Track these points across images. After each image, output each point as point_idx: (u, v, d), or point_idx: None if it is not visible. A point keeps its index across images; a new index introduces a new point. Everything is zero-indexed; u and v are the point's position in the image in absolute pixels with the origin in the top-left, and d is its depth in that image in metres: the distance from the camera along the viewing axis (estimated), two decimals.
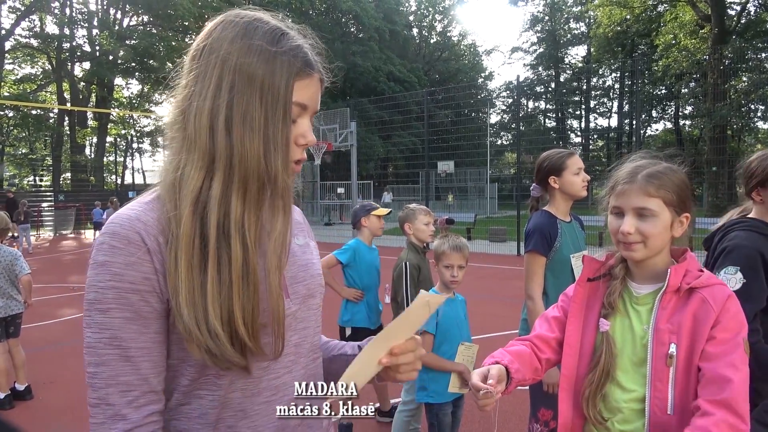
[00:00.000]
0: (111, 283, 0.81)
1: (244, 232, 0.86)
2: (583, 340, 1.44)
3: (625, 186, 1.37)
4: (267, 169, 0.87)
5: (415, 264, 3.34)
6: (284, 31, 0.91)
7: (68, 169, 35.70)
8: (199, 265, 0.83)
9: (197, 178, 0.86)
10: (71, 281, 11.04)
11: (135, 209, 0.87)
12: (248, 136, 0.86)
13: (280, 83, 0.87)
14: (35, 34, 31.57)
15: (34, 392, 4.75)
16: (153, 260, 0.83)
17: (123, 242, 0.82)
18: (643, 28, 36.46)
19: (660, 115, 44.98)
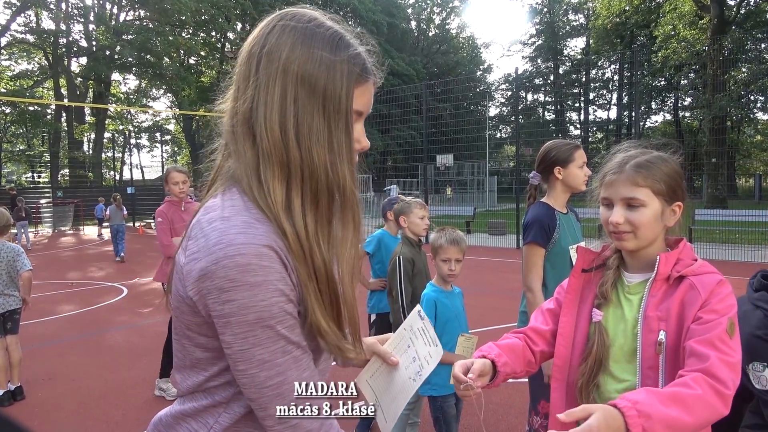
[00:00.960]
0: (274, 299, 0.84)
1: (320, 245, 0.89)
2: (576, 331, 1.44)
3: (614, 176, 1.37)
4: (335, 178, 0.90)
5: (408, 258, 3.31)
6: (342, 36, 0.93)
7: (66, 165, 35.63)
8: (313, 278, 0.89)
9: (281, 193, 0.89)
10: (70, 277, 11.03)
11: (256, 227, 0.86)
12: (315, 147, 0.88)
13: (341, 92, 0.89)
14: (31, 29, 31.42)
15: (32, 388, 4.74)
16: (290, 274, 0.87)
17: (272, 260, 0.84)
18: (641, 19, 36.33)
19: (659, 106, 44.94)
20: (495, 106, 52.37)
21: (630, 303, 1.38)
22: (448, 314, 2.77)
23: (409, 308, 3.23)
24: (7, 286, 4.45)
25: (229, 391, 0.91)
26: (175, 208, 4.56)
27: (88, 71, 31.15)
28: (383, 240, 4.03)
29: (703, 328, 1.21)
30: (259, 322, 0.83)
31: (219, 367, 0.91)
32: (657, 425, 1.06)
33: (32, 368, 5.29)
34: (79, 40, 32.30)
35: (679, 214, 1.40)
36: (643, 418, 1.05)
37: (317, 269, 0.88)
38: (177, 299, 0.91)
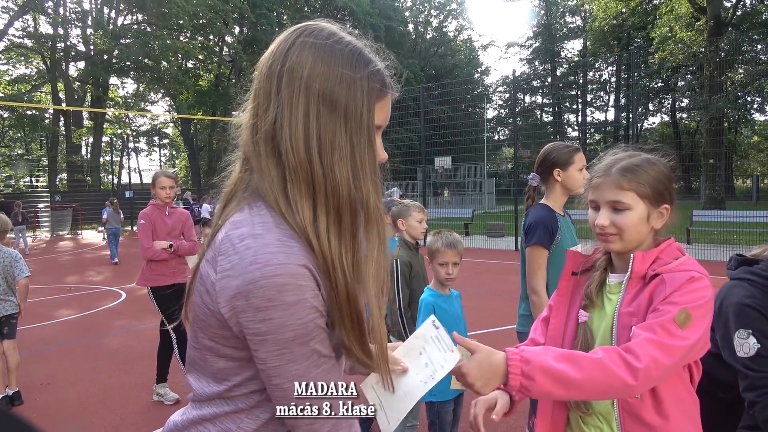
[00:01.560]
0: (309, 317, 0.86)
1: (343, 261, 0.89)
2: (565, 333, 1.47)
3: (600, 179, 1.41)
4: (358, 193, 0.91)
5: (406, 261, 3.30)
6: (361, 52, 0.94)
7: (64, 169, 35.59)
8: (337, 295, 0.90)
9: (309, 212, 0.90)
10: (68, 282, 11.01)
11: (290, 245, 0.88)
12: (338, 164, 0.89)
13: (362, 109, 0.91)
14: (29, 34, 31.40)
15: (31, 393, 4.73)
16: (321, 293, 0.89)
17: (307, 279, 0.86)
18: (638, 21, 36.42)
19: (657, 108, 45.04)
20: (493, 108, 52.43)
21: (611, 302, 1.41)
22: (446, 318, 2.77)
23: (406, 312, 3.22)
24: (5, 291, 4.44)
25: (254, 399, 0.93)
26: (159, 212, 4.56)
27: (86, 75, 31.12)
28: None
29: (652, 316, 1.24)
30: (296, 340, 0.85)
31: (243, 377, 0.92)
32: (536, 371, 1.14)
33: (31, 373, 5.28)
34: (77, 44, 32.29)
35: (666, 217, 1.42)
36: (524, 362, 1.15)
37: (339, 285, 0.89)
38: (203, 312, 0.91)
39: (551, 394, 1.17)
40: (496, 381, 1.16)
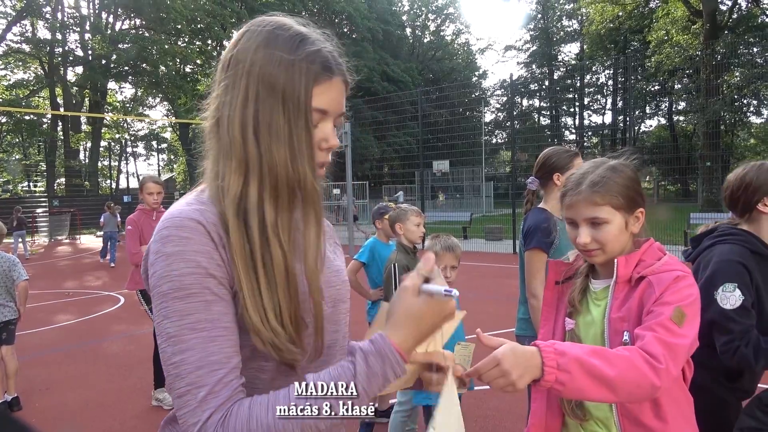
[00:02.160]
0: (188, 270, 0.83)
1: (280, 237, 0.90)
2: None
3: (573, 198, 1.42)
4: (295, 174, 0.91)
5: (404, 265, 3.32)
6: (304, 37, 0.94)
7: (62, 174, 35.54)
8: (253, 269, 0.87)
9: (236, 185, 0.91)
10: (66, 287, 11.00)
11: (194, 206, 0.90)
12: (275, 144, 0.90)
13: (299, 91, 0.90)
14: (27, 39, 31.40)
15: (30, 398, 4.72)
16: (219, 251, 0.87)
17: (193, 232, 0.86)
18: (635, 24, 36.56)
19: (654, 111, 45.15)
20: (491, 111, 52.53)
21: (598, 308, 1.42)
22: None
23: None
24: (3, 296, 4.44)
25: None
26: (146, 217, 4.64)
27: (84, 80, 31.14)
28: (376, 248, 4.05)
29: (648, 318, 1.25)
30: (171, 293, 0.83)
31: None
32: (572, 364, 1.09)
33: (29, 378, 5.27)
34: (75, 50, 32.28)
35: (642, 219, 1.44)
36: (558, 354, 1.10)
37: (275, 260, 0.88)
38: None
39: (584, 391, 1.11)
40: (531, 373, 1.09)
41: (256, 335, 0.86)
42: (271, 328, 0.86)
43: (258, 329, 0.85)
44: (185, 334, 0.82)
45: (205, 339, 0.83)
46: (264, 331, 0.86)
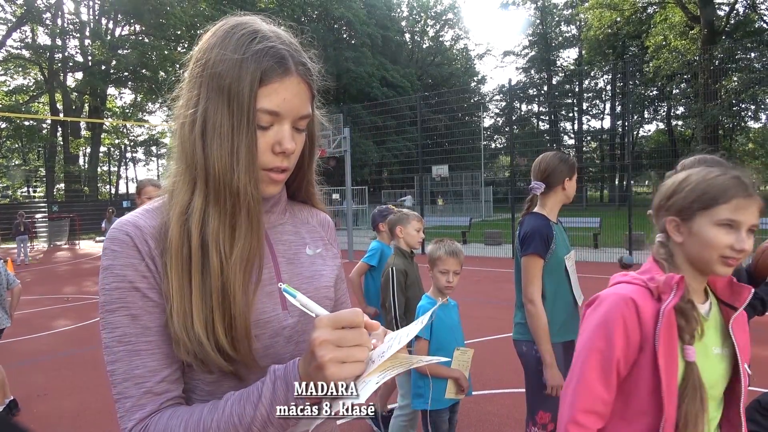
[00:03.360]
0: (115, 284, 0.85)
1: (219, 245, 0.86)
2: (668, 376, 1.21)
3: (747, 201, 1.24)
4: (232, 180, 0.86)
5: (401, 269, 3.31)
6: (257, 35, 0.88)
7: (62, 179, 35.54)
8: (187, 275, 0.85)
9: (185, 189, 0.89)
10: (65, 292, 10.98)
11: (135, 214, 0.91)
12: (217, 147, 0.86)
13: (244, 90, 0.85)
14: (27, 45, 31.45)
15: (27, 404, 4.70)
16: (146, 261, 0.86)
17: (121, 245, 0.86)
18: (633, 30, 36.69)
19: (652, 115, 45.28)
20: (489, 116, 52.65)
21: (709, 335, 1.27)
22: (443, 328, 2.78)
23: (402, 320, 3.24)
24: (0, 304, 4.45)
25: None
26: None
27: (84, 86, 31.19)
28: (384, 251, 4.06)
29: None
30: (103, 306, 0.86)
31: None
32: None
33: (27, 384, 5.26)
34: (74, 55, 32.38)
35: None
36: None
37: (212, 270, 0.85)
38: None
39: None
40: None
41: (177, 344, 0.84)
42: (195, 337, 0.83)
43: (179, 337, 0.83)
44: (114, 345, 0.85)
45: (130, 352, 0.85)
46: (186, 340, 0.83)
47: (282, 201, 1.06)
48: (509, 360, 3.39)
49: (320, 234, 1.12)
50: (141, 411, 0.84)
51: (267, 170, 0.91)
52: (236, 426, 0.79)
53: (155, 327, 0.86)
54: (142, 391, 0.84)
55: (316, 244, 1.09)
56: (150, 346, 0.86)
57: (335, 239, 1.17)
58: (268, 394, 0.78)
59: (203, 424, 0.80)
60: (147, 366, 0.85)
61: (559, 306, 2.55)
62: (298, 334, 0.97)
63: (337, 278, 1.13)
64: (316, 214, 1.15)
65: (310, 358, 0.75)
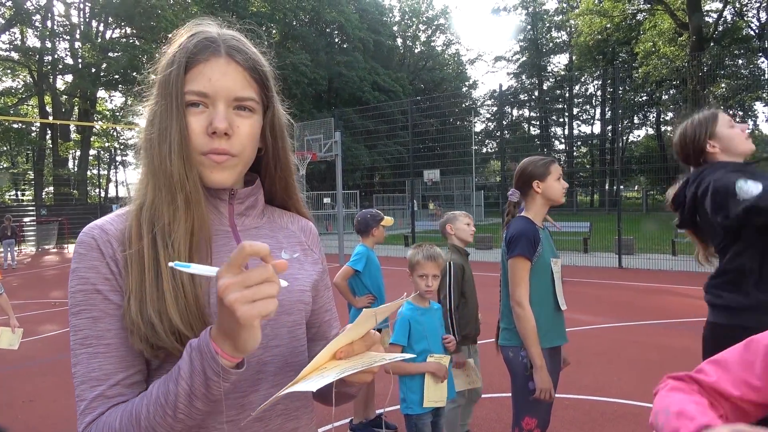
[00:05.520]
0: (79, 287, 0.87)
1: (164, 231, 0.87)
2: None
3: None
4: (167, 165, 0.88)
5: (459, 264, 3.42)
6: (197, 31, 0.93)
7: (51, 183, 35.25)
8: (142, 266, 0.86)
9: (142, 188, 0.92)
10: (53, 297, 10.88)
11: (104, 219, 0.93)
12: (156, 137, 0.89)
13: (171, 76, 0.89)
14: (16, 47, 31.22)
15: (12, 411, 4.66)
16: (108, 263, 0.88)
17: (86, 248, 0.88)
18: (623, 36, 37.06)
19: (642, 121, 45.67)
20: (481, 121, 52.89)
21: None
22: (420, 333, 2.78)
23: (455, 314, 3.28)
24: None
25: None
26: None
27: (74, 88, 31.02)
28: (369, 255, 4.07)
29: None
30: (70, 308, 0.88)
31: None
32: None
33: (12, 390, 5.21)
34: (64, 58, 32.13)
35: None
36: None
37: (161, 263, 0.85)
38: None
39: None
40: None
41: (131, 333, 0.84)
42: (148, 320, 0.82)
43: (133, 323, 0.82)
44: (77, 348, 0.87)
45: (89, 355, 0.86)
46: (140, 323, 0.82)
47: (258, 204, 1.05)
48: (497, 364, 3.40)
49: (299, 239, 1.11)
50: (91, 414, 0.85)
51: (205, 154, 0.90)
52: (163, 406, 0.78)
53: (114, 330, 0.86)
54: (95, 394, 0.85)
55: (293, 248, 1.07)
56: (108, 349, 0.86)
57: (317, 245, 1.16)
58: (186, 367, 0.77)
59: (135, 410, 0.80)
60: (103, 369, 0.85)
61: (545, 311, 2.55)
62: (268, 338, 0.95)
63: (318, 284, 1.11)
64: (298, 220, 1.14)
65: (220, 310, 0.72)
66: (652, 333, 6.67)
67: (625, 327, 7.03)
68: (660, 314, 7.62)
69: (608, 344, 6.22)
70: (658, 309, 8.01)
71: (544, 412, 2.54)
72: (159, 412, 0.78)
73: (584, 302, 8.47)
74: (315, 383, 0.76)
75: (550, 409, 2.57)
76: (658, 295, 9.28)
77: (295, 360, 1.00)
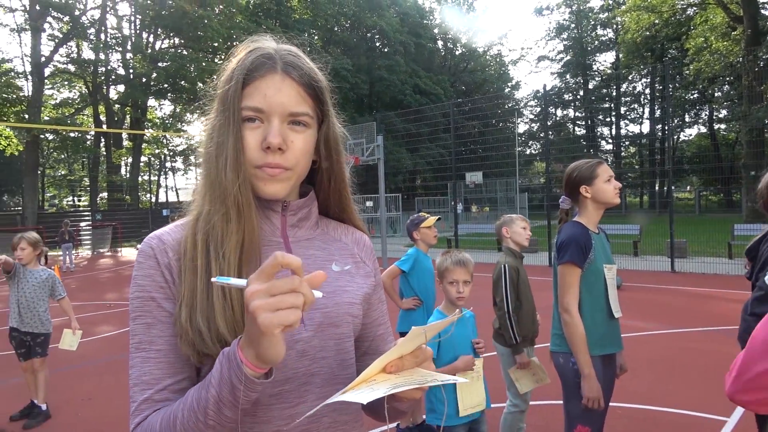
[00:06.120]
0: (136, 293, 0.92)
1: (217, 242, 0.90)
2: None
3: None
4: (221, 178, 0.91)
5: (514, 267, 3.42)
6: (255, 47, 0.96)
7: (105, 189, 36.73)
8: (194, 276, 0.89)
9: (200, 200, 0.96)
10: (108, 299, 11.30)
11: (163, 229, 0.98)
12: (213, 151, 0.93)
13: (230, 92, 0.92)
14: (72, 59, 32.73)
15: (72, 408, 4.86)
16: (163, 272, 0.92)
17: (144, 257, 0.94)
18: (672, 32, 35.83)
19: (693, 119, 44.07)
20: (524, 122, 52.13)
21: None
22: (450, 343, 2.71)
23: (514, 316, 3.28)
24: (45, 310, 4.61)
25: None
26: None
27: (126, 98, 32.22)
28: (419, 258, 4.08)
29: None
30: (130, 313, 0.93)
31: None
32: None
33: (72, 388, 5.42)
34: (117, 69, 33.48)
35: None
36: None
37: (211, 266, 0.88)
38: None
39: None
40: None
41: (180, 338, 0.87)
42: (196, 326, 0.85)
43: (183, 328, 0.86)
44: (133, 351, 0.91)
45: (142, 359, 0.90)
46: (188, 329, 0.85)
47: (312, 216, 1.06)
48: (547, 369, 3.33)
49: (352, 251, 1.10)
50: (140, 416, 0.88)
51: (259, 167, 0.93)
52: (195, 411, 0.80)
53: (165, 337, 0.90)
54: (144, 397, 0.88)
55: (345, 261, 1.07)
56: (158, 354, 0.90)
57: (371, 258, 1.15)
58: (216, 374, 0.78)
59: (173, 414, 0.83)
60: (153, 374, 0.89)
61: (598, 318, 2.48)
62: (315, 350, 0.95)
63: (371, 297, 1.10)
64: (352, 233, 1.14)
65: (246, 317, 0.73)
66: (708, 340, 6.40)
67: (679, 333, 6.78)
68: (716, 320, 7.31)
69: (661, 351, 6.00)
70: (714, 315, 7.69)
71: (597, 420, 2.47)
72: (192, 417, 0.80)
73: (636, 307, 8.21)
74: (365, 395, 0.75)
75: (603, 418, 2.49)
76: (713, 300, 8.91)
77: (343, 373, 1.00)
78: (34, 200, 28.30)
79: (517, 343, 3.32)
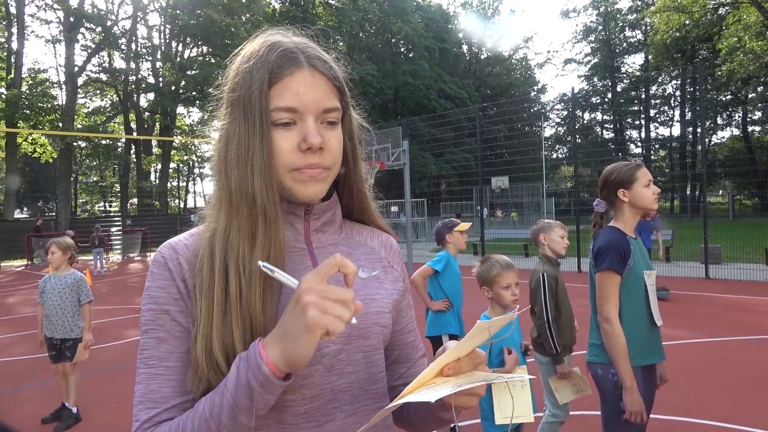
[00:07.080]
0: (148, 306, 0.87)
1: (239, 258, 0.82)
2: None
3: None
4: (248, 187, 0.84)
5: (552, 275, 3.35)
6: (267, 44, 0.88)
7: (135, 194, 37.50)
8: (211, 297, 0.82)
9: (215, 212, 0.88)
10: (138, 303, 11.47)
11: (177, 237, 0.92)
12: (235, 159, 0.85)
13: (253, 94, 0.84)
14: (104, 69, 33.58)
15: (102, 411, 4.91)
16: (177, 283, 0.86)
17: (157, 267, 0.88)
18: (703, 32, 35.06)
19: (726, 121, 43.02)
20: (550, 126, 51.56)
21: None
22: (499, 346, 2.72)
23: (553, 325, 3.23)
24: (76, 314, 4.67)
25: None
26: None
27: (155, 105, 32.87)
28: (450, 261, 4.07)
29: None
30: (141, 326, 0.88)
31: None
32: None
33: (102, 391, 5.49)
34: (147, 77, 34.19)
35: None
36: None
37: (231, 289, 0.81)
38: None
39: None
40: None
41: (193, 369, 0.80)
42: (213, 363, 0.79)
43: (198, 363, 0.79)
44: (140, 366, 0.86)
45: (150, 375, 0.84)
46: (204, 366, 0.79)
47: (336, 220, 1.00)
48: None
49: (380, 255, 1.05)
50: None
51: (298, 169, 0.86)
52: (207, 420, 0.75)
53: (178, 353, 0.85)
54: (148, 416, 0.82)
55: (373, 266, 1.01)
56: (168, 371, 0.84)
57: (399, 261, 1.09)
58: (232, 378, 0.74)
59: (182, 424, 0.78)
60: (161, 392, 0.83)
61: (638, 327, 2.38)
62: (342, 364, 0.90)
63: (400, 303, 1.04)
64: (378, 236, 1.08)
65: (291, 309, 0.71)
66: (747, 349, 6.18)
67: (717, 342, 6.56)
68: (755, 329, 7.05)
69: (699, 361, 5.81)
70: (753, 323, 7.43)
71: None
72: (203, 426, 0.76)
73: (670, 315, 7.97)
74: (430, 395, 0.72)
75: (643, 431, 2.39)
76: (751, 307, 8.62)
77: (372, 387, 0.94)
78: (67, 206, 29.01)
79: (558, 353, 3.23)
